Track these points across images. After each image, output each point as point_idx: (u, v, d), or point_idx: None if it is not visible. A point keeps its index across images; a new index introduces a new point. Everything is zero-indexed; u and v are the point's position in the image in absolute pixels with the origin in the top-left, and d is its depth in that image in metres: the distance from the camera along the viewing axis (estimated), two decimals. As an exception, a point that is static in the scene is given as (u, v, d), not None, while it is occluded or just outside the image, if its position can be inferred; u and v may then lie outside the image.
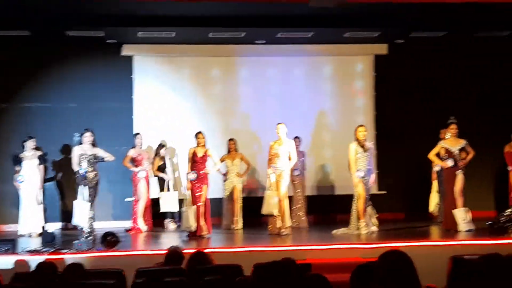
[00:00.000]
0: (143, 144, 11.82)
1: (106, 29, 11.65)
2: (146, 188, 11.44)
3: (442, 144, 10.40)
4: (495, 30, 12.28)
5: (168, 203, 11.48)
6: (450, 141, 10.35)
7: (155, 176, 11.83)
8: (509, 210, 10.58)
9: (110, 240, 8.62)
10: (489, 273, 3.92)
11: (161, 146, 11.99)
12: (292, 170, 11.38)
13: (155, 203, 11.73)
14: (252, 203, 11.79)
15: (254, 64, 13.16)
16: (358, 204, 10.11)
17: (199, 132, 10.41)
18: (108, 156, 9.97)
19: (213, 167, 10.58)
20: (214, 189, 11.34)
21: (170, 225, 11.75)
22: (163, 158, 11.99)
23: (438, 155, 10.53)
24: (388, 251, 3.79)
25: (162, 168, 11.93)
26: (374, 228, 10.23)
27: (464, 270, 4.29)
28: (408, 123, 13.16)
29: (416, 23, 11.79)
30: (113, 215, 12.28)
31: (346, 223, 10.36)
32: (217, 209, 11.70)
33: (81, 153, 9.66)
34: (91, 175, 9.59)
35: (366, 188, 10.15)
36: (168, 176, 11.86)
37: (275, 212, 10.12)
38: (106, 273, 5.54)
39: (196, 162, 10.22)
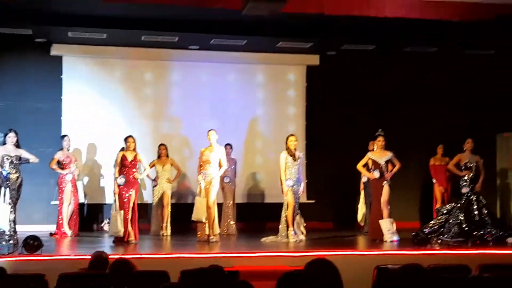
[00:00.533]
0: (71, 146, 11.55)
1: (33, 28, 11.34)
2: (73, 191, 11.16)
3: (369, 155, 10.61)
4: (422, 46, 12.64)
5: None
6: (377, 153, 10.56)
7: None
8: (433, 221, 10.89)
9: (32, 244, 8.35)
10: (409, 284, 4.00)
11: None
12: (223, 177, 11.38)
13: (81, 207, 11.49)
14: (182, 209, 11.71)
15: (187, 69, 13.10)
16: (287, 213, 10.18)
17: (129, 136, 10.24)
18: (32, 158, 9.70)
19: (142, 172, 10.43)
20: (143, 194, 11.20)
21: (106, 226, 11.60)
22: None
23: (366, 166, 10.72)
24: (314, 259, 3.83)
25: None
26: (302, 237, 10.32)
27: (387, 279, 4.36)
28: (337, 134, 13.38)
29: (347, 36, 12.02)
30: (38, 219, 11.92)
31: (275, 231, 10.41)
32: (146, 215, 11.56)
33: (4, 154, 9.37)
34: (13, 176, 9.31)
35: (295, 197, 10.24)
36: None
37: (204, 219, 10.06)
38: (27, 277, 5.36)
39: (125, 167, 10.05)
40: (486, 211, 10.42)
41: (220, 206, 11.24)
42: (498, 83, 13.18)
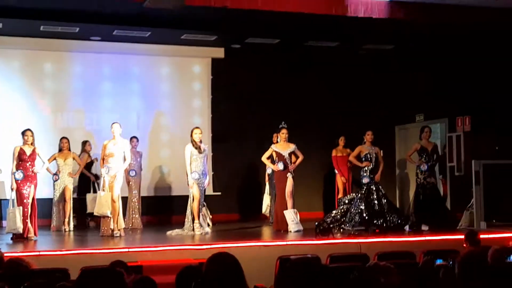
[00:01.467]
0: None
1: None
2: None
3: (273, 147, 10.74)
4: (324, 40, 12.91)
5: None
6: (281, 145, 10.71)
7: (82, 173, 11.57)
8: (335, 211, 11.19)
9: None
10: (309, 273, 4.11)
11: (85, 142, 11.93)
12: (128, 170, 11.23)
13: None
14: (84, 204, 11.44)
15: (89, 60, 12.81)
16: (193, 205, 10.16)
17: (27, 130, 9.88)
18: None
19: (42, 166, 10.12)
20: (43, 189, 10.87)
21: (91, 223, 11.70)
22: (89, 154, 11.90)
23: (271, 158, 10.86)
24: (215, 253, 3.86)
25: (89, 166, 11.81)
26: (208, 229, 10.34)
27: (288, 269, 4.44)
28: (243, 126, 13.48)
29: (251, 30, 12.10)
30: None
31: (181, 224, 10.37)
32: (47, 210, 11.22)
33: None
34: None
35: (201, 190, 10.23)
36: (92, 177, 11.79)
37: (108, 213, 9.89)
38: None
39: (23, 161, 9.71)
40: (385, 201, 10.81)
41: (125, 199, 11.07)
42: (397, 77, 13.65)
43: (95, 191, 11.33)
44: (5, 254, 6.19)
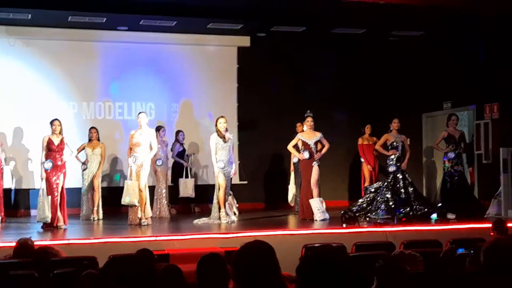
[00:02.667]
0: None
1: None
2: (-1, 177, 10.88)
3: (299, 136, 10.74)
4: (351, 27, 12.81)
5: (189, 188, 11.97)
6: (307, 133, 10.70)
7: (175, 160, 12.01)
8: (361, 200, 11.16)
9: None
10: (335, 262, 4.11)
11: (178, 131, 12.29)
12: (155, 160, 11.32)
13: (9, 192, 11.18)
14: (113, 193, 11.59)
15: (117, 51, 12.90)
16: (219, 194, 10.20)
17: (55, 120, 10.02)
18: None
19: (70, 156, 10.26)
20: (72, 179, 11.02)
21: (196, 208, 12.44)
22: (182, 144, 12.28)
23: (296, 147, 10.86)
24: (250, 241, 3.89)
25: (181, 154, 12.18)
26: (234, 218, 10.39)
27: (313, 258, 4.44)
28: (268, 115, 13.47)
29: (277, 18, 12.07)
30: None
31: (208, 213, 10.43)
32: (76, 199, 11.38)
33: None
34: None
35: (226, 179, 10.27)
36: (189, 162, 12.31)
37: (135, 202, 9.99)
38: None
39: (52, 151, 9.85)
40: (412, 189, 10.75)
41: (152, 189, 11.18)
42: (424, 64, 13.52)
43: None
44: (35, 243, 6.32)
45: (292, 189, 12.20)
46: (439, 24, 12.19)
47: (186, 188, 12.06)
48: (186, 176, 12.18)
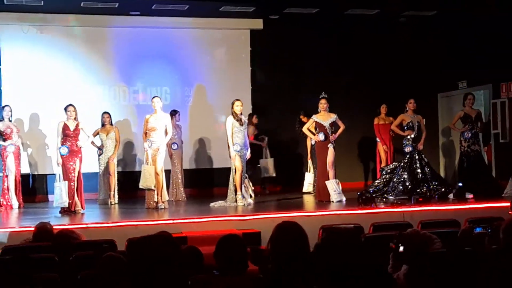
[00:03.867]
0: (13, 117, 11.30)
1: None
2: (16, 163, 10.95)
3: (314, 118, 10.70)
4: (364, 8, 12.71)
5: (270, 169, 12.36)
6: (321, 115, 10.65)
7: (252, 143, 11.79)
8: (377, 181, 11.13)
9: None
10: (352, 242, 4.14)
11: (251, 115, 12.40)
12: (170, 144, 11.35)
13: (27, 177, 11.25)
14: (129, 177, 11.64)
15: (129, 36, 12.90)
16: (235, 177, 10.22)
17: (69, 105, 10.06)
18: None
19: (86, 141, 10.31)
20: (88, 163, 11.08)
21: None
22: (257, 127, 12.48)
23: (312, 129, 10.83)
24: (283, 222, 3.92)
25: (257, 136, 12.47)
26: (251, 200, 10.41)
27: (330, 239, 4.45)
28: (282, 98, 13.43)
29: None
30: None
31: (224, 196, 10.47)
32: (93, 184, 11.46)
33: None
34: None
35: (243, 161, 10.27)
36: (264, 143, 12.56)
37: (152, 185, 10.04)
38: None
39: (67, 136, 9.90)
40: (428, 169, 10.69)
41: (168, 172, 11.22)
42: (439, 43, 13.40)
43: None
44: (54, 227, 6.37)
45: (308, 178, 12.19)
46: (453, 2, 12.05)
47: (267, 168, 12.41)
48: (266, 157, 12.45)
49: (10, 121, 11.12)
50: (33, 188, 12.16)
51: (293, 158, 13.39)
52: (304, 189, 12.32)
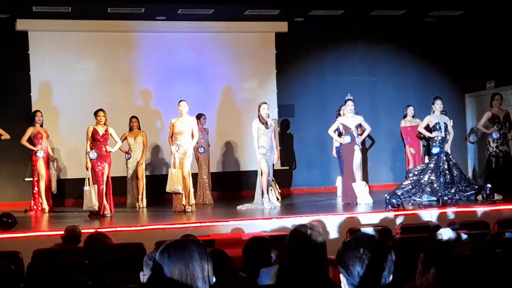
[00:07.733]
0: (43, 122, 11.47)
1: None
2: (46, 167, 11.10)
3: (339, 120, 10.66)
4: (389, 9, 12.65)
5: None
6: (347, 117, 10.62)
7: None
8: (405, 182, 11.03)
9: (6, 221, 8.32)
10: (381, 245, 4.10)
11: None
12: (196, 147, 11.40)
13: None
14: (156, 181, 11.72)
15: (155, 41, 13.00)
16: (262, 180, 10.23)
17: (99, 110, 10.18)
18: (4, 134, 9.59)
19: (114, 145, 10.42)
20: (117, 168, 11.18)
21: None
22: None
23: (338, 131, 10.80)
24: (299, 225, 3.90)
25: None
26: (277, 203, 10.41)
27: (358, 241, 4.43)
28: (308, 100, 13.42)
29: (314, 1, 11.98)
30: (11, 196, 11.87)
31: (250, 198, 10.49)
32: (121, 188, 11.56)
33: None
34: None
35: (269, 164, 10.28)
36: None
37: (180, 189, 10.09)
38: (2, 255, 5.36)
39: (96, 141, 10.01)
40: (456, 171, 10.56)
41: (195, 176, 11.27)
42: (466, 44, 13.28)
43: None
44: (83, 231, 6.45)
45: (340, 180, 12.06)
46: (479, 2, 11.94)
47: None
48: None
49: (41, 126, 11.28)
50: (62, 192, 12.30)
51: (319, 159, 13.35)
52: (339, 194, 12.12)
